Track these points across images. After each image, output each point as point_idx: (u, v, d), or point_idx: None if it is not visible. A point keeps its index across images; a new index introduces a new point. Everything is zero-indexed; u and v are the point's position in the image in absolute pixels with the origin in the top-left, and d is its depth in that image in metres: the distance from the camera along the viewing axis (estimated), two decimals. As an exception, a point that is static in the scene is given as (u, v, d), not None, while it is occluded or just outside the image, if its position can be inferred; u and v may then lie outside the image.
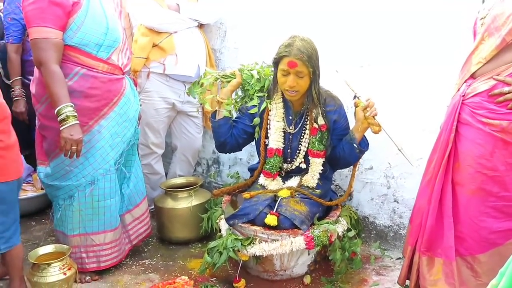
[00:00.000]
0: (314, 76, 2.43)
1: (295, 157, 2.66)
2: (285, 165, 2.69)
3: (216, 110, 2.66)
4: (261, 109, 2.60)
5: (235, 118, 2.73)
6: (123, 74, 2.56)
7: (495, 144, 1.95)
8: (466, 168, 2.03)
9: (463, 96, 2.05)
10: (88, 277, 2.61)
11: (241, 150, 2.86)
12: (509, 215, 2.00)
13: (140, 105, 2.78)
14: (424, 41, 2.62)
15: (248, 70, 2.67)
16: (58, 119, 2.25)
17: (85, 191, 2.50)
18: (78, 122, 2.28)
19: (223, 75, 2.69)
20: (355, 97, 2.41)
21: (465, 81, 2.08)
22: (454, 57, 2.32)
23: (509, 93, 1.89)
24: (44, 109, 2.42)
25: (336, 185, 3.14)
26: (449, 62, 2.42)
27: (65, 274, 2.31)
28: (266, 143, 2.67)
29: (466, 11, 2.32)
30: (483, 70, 2.00)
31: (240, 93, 2.76)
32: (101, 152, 2.49)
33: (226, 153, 2.95)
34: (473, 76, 2.05)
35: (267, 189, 2.62)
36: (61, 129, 2.25)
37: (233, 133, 2.68)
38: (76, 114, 2.28)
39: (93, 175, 2.49)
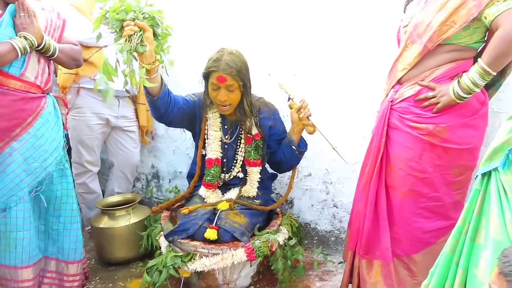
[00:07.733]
0: (245, 88, 2.42)
1: (233, 167, 2.64)
2: (222, 175, 2.66)
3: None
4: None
5: (187, 95, 2.56)
6: (43, 93, 2.31)
7: (423, 147, 2.02)
8: (398, 171, 2.10)
9: (391, 101, 2.12)
10: None
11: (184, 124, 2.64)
12: (439, 215, 2.08)
13: (64, 126, 2.51)
14: (353, 50, 2.69)
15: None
16: None
17: None
18: None
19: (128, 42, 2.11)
20: (289, 99, 2.43)
21: (393, 87, 2.15)
22: (381, 64, 2.40)
23: (433, 97, 1.98)
24: None
25: (277, 193, 3.15)
26: (377, 69, 2.51)
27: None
28: (203, 153, 2.64)
29: (389, 20, 2.40)
30: (408, 76, 2.08)
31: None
32: (12, 176, 2.18)
33: (168, 125, 2.61)
34: (399, 82, 2.12)
35: (206, 202, 2.58)
36: None
37: (178, 103, 2.47)
38: None
39: (4, 201, 2.18)
